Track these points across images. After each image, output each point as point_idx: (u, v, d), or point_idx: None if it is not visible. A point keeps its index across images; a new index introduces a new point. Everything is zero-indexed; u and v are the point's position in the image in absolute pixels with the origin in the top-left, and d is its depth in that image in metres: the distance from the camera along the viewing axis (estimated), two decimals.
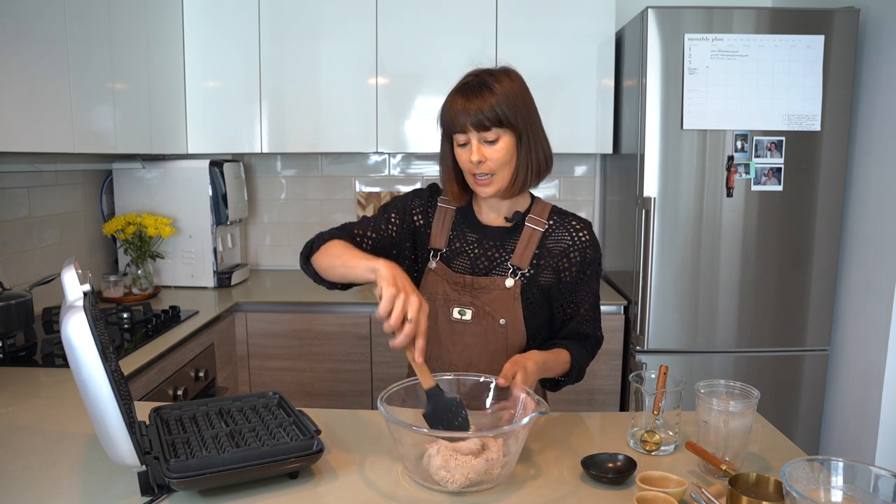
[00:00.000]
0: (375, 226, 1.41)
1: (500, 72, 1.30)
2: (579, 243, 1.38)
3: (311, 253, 1.33)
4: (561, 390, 1.45)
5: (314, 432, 1.13)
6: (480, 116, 1.24)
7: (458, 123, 1.27)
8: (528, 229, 1.38)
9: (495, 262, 1.38)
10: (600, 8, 2.67)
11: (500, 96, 1.25)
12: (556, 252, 1.37)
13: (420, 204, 1.45)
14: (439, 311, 1.38)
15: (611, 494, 1.08)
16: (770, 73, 2.32)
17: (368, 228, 1.41)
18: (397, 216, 1.43)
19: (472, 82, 1.28)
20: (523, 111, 1.28)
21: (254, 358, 2.60)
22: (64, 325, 0.94)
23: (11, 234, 2.21)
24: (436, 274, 1.40)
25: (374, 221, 1.42)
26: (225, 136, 2.80)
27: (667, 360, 2.36)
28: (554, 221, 1.39)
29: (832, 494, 0.91)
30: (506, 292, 1.35)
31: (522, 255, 1.36)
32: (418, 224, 1.44)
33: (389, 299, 1.08)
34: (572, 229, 1.39)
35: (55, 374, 1.69)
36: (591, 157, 3.12)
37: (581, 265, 1.38)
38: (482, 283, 1.36)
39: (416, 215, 1.44)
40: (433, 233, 1.43)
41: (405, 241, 1.43)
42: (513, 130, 1.27)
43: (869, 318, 2.31)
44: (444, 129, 1.33)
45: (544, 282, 1.37)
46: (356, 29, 2.71)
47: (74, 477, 1.12)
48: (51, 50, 1.85)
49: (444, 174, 1.39)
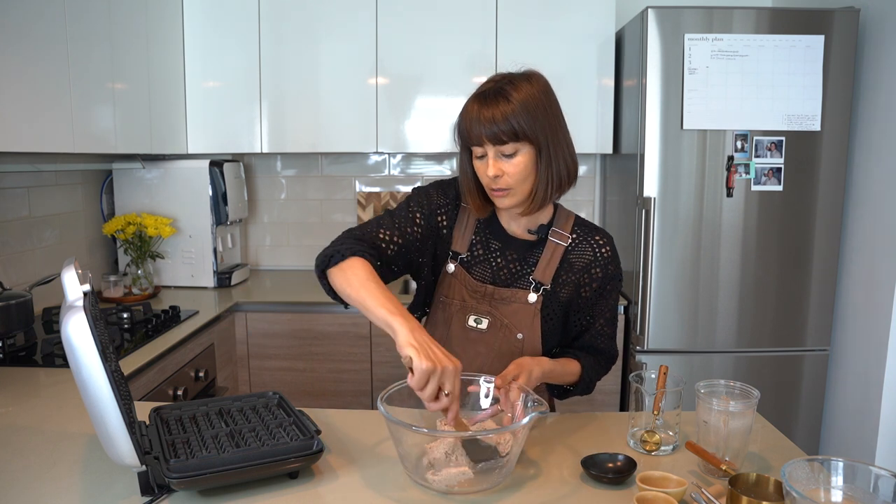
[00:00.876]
0: (402, 229, 1.31)
1: (521, 77, 1.23)
2: (602, 258, 1.35)
3: (328, 265, 1.21)
4: (562, 399, 1.44)
5: (314, 432, 1.13)
6: (496, 129, 1.18)
7: (473, 135, 1.21)
8: (552, 244, 1.34)
9: (517, 275, 1.34)
10: (600, 8, 2.67)
11: (517, 105, 1.17)
12: (579, 267, 1.34)
13: (445, 203, 1.37)
14: (454, 316, 1.36)
15: (611, 494, 1.08)
16: (770, 73, 2.32)
17: (395, 232, 1.30)
18: (422, 217, 1.34)
19: (489, 90, 1.21)
20: (543, 121, 1.20)
21: (254, 358, 2.60)
22: (64, 325, 0.94)
23: (11, 234, 2.21)
24: (454, 278, 1.36)
25: (399, 224, 1.32)
26: (225, 136, 2.80)
27: (667, 360, 2.36)
28: (577, 235, 1.36)
29: (832, 494, 0.91)
30: (527, 307, 1.33)
31: (545, 271, 1.33)
32: (442, 225, 1.37)
33: (425, 376, 1.01)
34: (595, 245, 1.35)
35: (55, 374, 1.69)
36: (591, 157, 3.12)
37: (602, 280, 1.35)
38: (503, 295, 1.33)
39: (440, 216, 1.37)
40: (455, 235, 1.37)
41: (428, 243, 1.36)
42: (531, 144, 1.20)
43: (869, 318, 2.31)
44: (460, 139, 1.27)
45: (564, 297, 1.34)
46: (356, 29, 2.71)
47: (74, 477, 1.12)
48: (51, 50, 1.85)
49: (465, 185, 1.31)
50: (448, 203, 1.38)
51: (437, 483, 1.06)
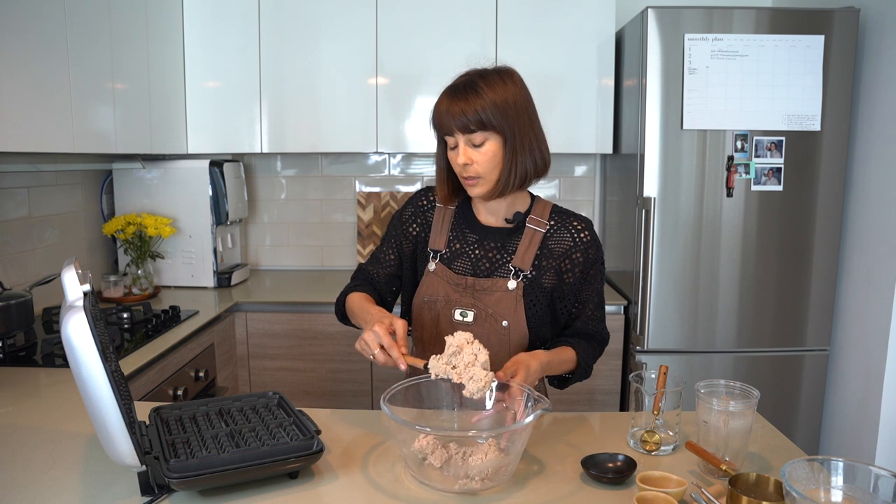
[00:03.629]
0: (385, 260, 1.47)
1: (494, 73, 1.28)
2: (581, 243, 1.37)
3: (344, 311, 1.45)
4: (562, 389, 1.45)
5: (314, 432, 1.13)
6: (464, 119, 1.24)
7: (444, 126, 1.28)
8: (530, 230, 1.37)
9: (497, 264, 1.37)
10: (600, 8, 2.67)
11: (486, 99, 1.23)
12: (558, 253, 1.37)
13: (413, 212, 1.46)
14: (441, 312, 1.37)
15: (611, 494, 1.08)
16: (770, 73, 2.32)
17: (379, 266, 1.48)
18: (395, 244, 1.47)
19: (460, 84, 1.28)
20: (513, 115, 1.25)
21: (254, 358, 2.60)
22: (64, 325, 0.94)
23: (11, 234, 2.21)
24: (436, 275, 1.39)
25: (382, 256, 1.48)
26: (225, 136, 2.80)
27: (667, 360, 2.36)
28: (555, 222, 1.39)
29: (832, 494, 0.91)
30: (508, 294, 1.35)
31: (524, 257, 1.36)
32: (416, 233, 1.45)
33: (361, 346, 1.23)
34: (574, 230, 1.38)
35: (55, 374, 1.69)
36: (591, 157, 3.12)
37: (584, 265, 1.38)
38: (484, 285, 1.36)
39: (411, 226, 1.46)
40: (433, 234, 1.42)
41: (409, 258, 1.47)
42: (499, 133, 1.26)
43: (869, 318, 2.31)
44: (435, 130, 1.34)
45: (547, 283, 1.37)
46: (356, 29, 2.71)
47: (74, 477, 1.12)
48: (51, 50, 1.85)
49: (437, 175, 1.40)
50: (416, 211, 1.46)
51: (439, 482, 1.06)
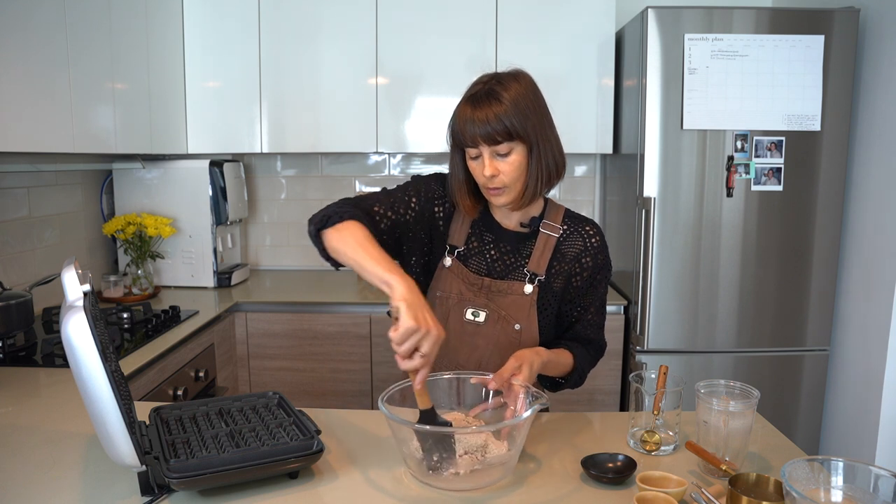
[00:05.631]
0: (395, 207, 1.33)
1: (509, 76, 1.26)
2: (592, 248, 1.38)
3: (325, 226, 1.22)
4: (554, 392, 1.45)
5: (314, 432, 1.13)
6: (489, 129, 1.20)
7: (468, 137, 1.23)
8: (544, 235, 1.37)
9: (510, 267, 1.37)
10: (600, 8, 2.67)
11: (508, 105, 1.20)
12: (570, 257, 1.37)
13: (443, 196, 1.39)
14: (451, 310, 1.36)
15: (611, 494, 1.08)
16: (770, 73, 2.32)
17: (389, 209, 1.32)
18: (418, 202, 1.36)
19: (480, 91, 1.24)
20: (533, 118, 1.23)
21: (254, 358, 2.60)
22: (64, 325, 0.94)
23: (11, 234, 2.21)
24: (451, 272, 1.37)
25: (394, 202, 1.34)
26: (225, 136, 2.80)
27: (667, 360, 2.36)
28: (568, 226, 1.39)
29: (832, 494, 0.91)
30: (523, 298, 1.34)
31: (539, 261, 1.35)
32: (438, 215, 1.39)
33: (406, 333, 1.03)
34: (585, 234, 1.38)
35: (55, 374, 1.69)
36: (591, 157, 3.12)
37: (592, 270, 1.38)
38: (499, 287, 1.35)
39: (437, 206, 1.38)
40: (452, 229, 1.39)
41: (420, 229, 1.37)
42: (524, 142, 1.23)
43: (869, 318, 2.31)
44: (454, 141, 1.28)
45: (557, 287, 1.37)
46: (356, 29, 2.71)
47: (74, 477, 1.12)
48: (51, 50, 1.85)
49: (456, 186, 1.34)
50: (446, 196, 1.39)
51: (439, 482, 1.06)
